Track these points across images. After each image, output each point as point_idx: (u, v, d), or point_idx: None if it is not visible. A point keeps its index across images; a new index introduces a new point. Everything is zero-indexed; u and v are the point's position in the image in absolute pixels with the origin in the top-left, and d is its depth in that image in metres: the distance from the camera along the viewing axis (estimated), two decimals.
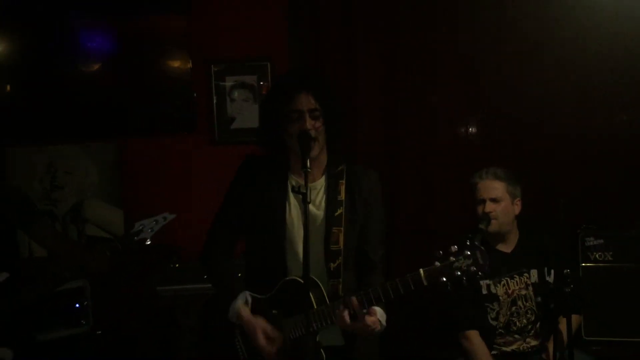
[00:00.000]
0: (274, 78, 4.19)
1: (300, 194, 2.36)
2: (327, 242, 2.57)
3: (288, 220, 2.59)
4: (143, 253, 3.27)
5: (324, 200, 2.61)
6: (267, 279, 2.59)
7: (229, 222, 2.69)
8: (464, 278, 2.31)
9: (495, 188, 3.24)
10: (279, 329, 2.53)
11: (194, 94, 4.19)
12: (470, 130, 4.16)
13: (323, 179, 2.64)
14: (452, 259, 2.32)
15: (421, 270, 2.34)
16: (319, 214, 2.60)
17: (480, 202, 3.24)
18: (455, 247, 2.33)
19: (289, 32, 4.20)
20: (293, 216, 2.60)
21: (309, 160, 2.42)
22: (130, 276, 3.91)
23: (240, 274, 2.73)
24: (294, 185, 2.56)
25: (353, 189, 2.63)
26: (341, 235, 2.58)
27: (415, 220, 4.10)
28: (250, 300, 2.57)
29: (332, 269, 2.57)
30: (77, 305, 3.80)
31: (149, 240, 3.10)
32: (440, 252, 2.34)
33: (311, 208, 2.55)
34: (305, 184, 2.36)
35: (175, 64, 4.18)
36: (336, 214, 2.59)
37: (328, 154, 2.66)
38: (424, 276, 2.34)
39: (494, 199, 3.22)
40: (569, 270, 2.96)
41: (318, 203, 2.61)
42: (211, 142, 4.25)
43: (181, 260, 3.91)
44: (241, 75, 4.22)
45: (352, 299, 2.39)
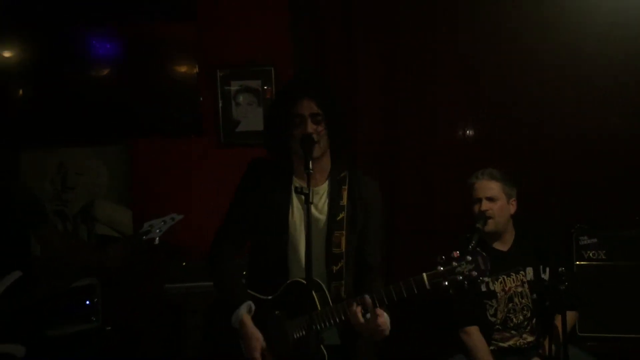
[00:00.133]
0: (277, 83, 4.19)
1: (303, 195, 2.36)
2: (329, 245, 2.58)
3: (291, 222, 2.59)
4: (151, 252, 3.28)
5: (327, 204, 2.62)
6: (269, 279, 2.59)
7: (235, 224, 2.69)
8: (466, 282, 2.33)
9: (492, 188, 3.25)
10: (280, 329, 2.52)
11: (200, 98, 4.21)
12: (469, 130, 4.11)
13: (326, 184, 2.64)
14: (455, 264, 2.34)
15: (424, 275, 2.36)
16: (322, 217, 2.60)
17: (477, 202, 3.25)
18: (458, 253, 2.34)
19: (291, 38, 4.18)
20: (296, 218, 2.60)
21: (311, 162, 2.42)
22: (139, 274, 3.92)
23: (245, 272, 2.74)
24: (297, 187, 2.57)
25: (355, 195, 2.63)
26: (343, 239, 2.58)
27: (415, 220, 4.06)
28: (254, 308, 2.57)
29: (335, 272, 2.57)
30: (88, 303, 3.82)
31: (157, 240, 3.10)
32: (443, 257, 2.36)
33: (314, 212, 2.55)
34: (308, 185, 2.37)
35: (183, 69, 4.20)
36: (338, 218, 2.60)
37: (331, 161, 2.66)
38: (427, 280, 2.35)
39: (490, 198, 3.23)
40: (563, 268, 2.98)
41: (321, 207, 2.62)
42: (217, 145, 4.25)
43: (188, 259, 3.91)
44: (246, 80, 4.23)
45: (366, 297, 2.40)
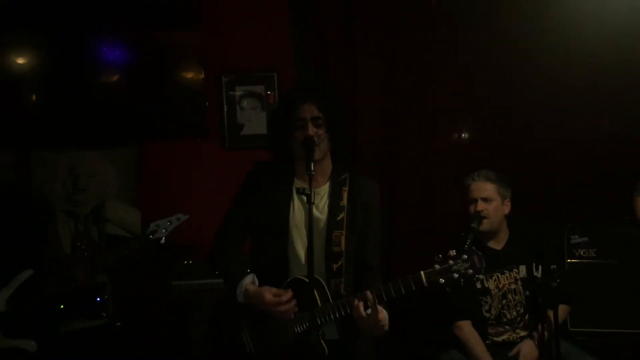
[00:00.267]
0: (279, 88, 4.20)
1: (305, 195, 2.39)
2: (329, 244, 2.60)
3: (291, 222, 2.62)
4: (158, 251, 3.30)
5: (327, 205, 2.64)
6: (270, 279, 2.61)
7: (236, 224, 2.72)
8: (462, 280, 2.36)
9: (487, 189, 3.27)
10: (282, 324, 2.55)
11: (206, 102, 4.21)
12: (469, 131, 4.09)
13: (327, 185, 2.67)
14: (451, 262, 2.37)
15: (422, 273, 2.39)
16: (322, 217, 2.63)
17: (473, 202, 3.27)
18: (454, 252, 2.37)
19: (293, 45, 4.16)
20: (297, 219, 2.63)
21: (312, 164, 2.45)
22: (147, 272, 3.93)
23: (249, 270, 2.75)
24: (299, 188, 2.59)
25: (355, 196, 2.66)
26: (343, 238, 2.61)
27: (415, 220, 4.03)
28: (257, 282, 2.58)
29: (335, 269, 2.60)
30: (98, 299, 3.82)
31: (163, 239, 3.12)
32: (440, 256, 2.38)
33: (314, 212, 2.56)
34: (310, 185, 2.40)
35: (189, 75, 4.21)
36: (338, 218, 2.62)
37: (332, 163, 2.69)
38: (424, 278, 2.38)
39: (485, 199, 3.25)
40: (555, 266, 3.00)
41: (321, 207, 2.64)
42: (222, 147, 4.26)
43: (194, 258, 3.92)
44: (250, 85, 4.24)
45: (367, 292, 2.42)
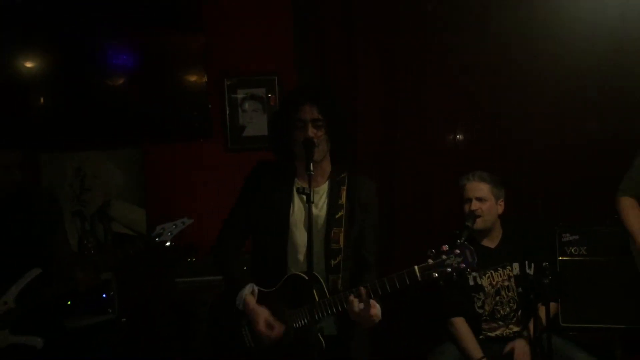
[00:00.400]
0: (280, 91, 4.21)
1: (305, 194, 2.40)
2: (328, 241, 2.61)
3: (292, 221, 2.62)
4: (163, 250, 3.31)
5: (326, 203, 2.65)
6: (270, 275, 2.62)
7: (239, 222, 2.73)
8: (455, 274, 2.35)
9: (481, 189, 3.28)
10: (281, 319, 2.56)
11: (209, 105, 4.22)
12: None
13: (326, 184, 2.68)
14: (444, 257, 2.36)
15: (416, 267, 2.38)
16: (321, 215, 2.63)
17: (467, 201, 3.29)
18: (447, 246, 2.36)
19: (294, 45, 4.17)
20: (296, 218, 2.63)
21: (312, 164, 2.46)
22: (152, 270, 3.94)
23: (245, 267, 2.77)
24: (299, 187, 2.59)
25: (353, 195, 2.66)
26: (341, 235, 2.61)
27: (414, 220, 4.02)
28: (257, 292, 2.61)
29: (333, 266, 2.60)
30: (104, 296, 3.84)
31: (168, 242, 3.14)
32: (433, 251, 2.38)
33: (314, 210, 2.57)
34: (309, 185, 2.41)
35: (193, 78, 4.21)
36: (337, 216, 2.62)
37: (332, 164, 2.70)
38: (418, 272, 2.38)
39: (480, 199, 3.26)
40: (547, 264, 3.02)
41: (320, 206, 2.65)
42: (224, 149, 4.28)
43: (197, 256, 3.93)
44: (251, 88, 4.25)
45: (361, 289, 2.43)
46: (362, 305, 2.42)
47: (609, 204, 3.20)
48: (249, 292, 2.59)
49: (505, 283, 3.27)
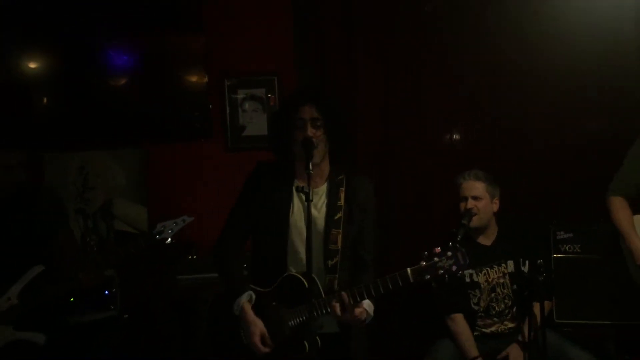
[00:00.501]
0: (280, 91, 4.21)
1: (304, 193, 2.40)
2: (326, 242, 2.62)
3: (291, 221, 2.63)
4: (164, 248, 3.32)
5: (325, 204, 2.65)
6: (268, 274, 2.64)
7: (239, 223, 2.73)
8: (446, 276, 2.36)
9: (477, 188, 3.30)
10: (277, 318, 2.57)
11: (209, 105, 4.23)
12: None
13: (325, 186, 2.68)
14: (436, 259, 2.37)
15: (408, 269, 2.40)
16: (320, 216, 2.64)
17: (463, 200, 3.30)
18: (439, 249, 2.37)
19: (294, 45, 4.16)
20: (296, 218, 2.64)
21: (311, 163, 2.47)
22: (153, 267, 3.95)
23: (245, 265, 2.78)
24: (298, 186, 2.60)
25: (352, 196, 2.67)
26: (339, 236, 2.61)
27: (414, 220, 4.00)
28: (254, 298, 2.62)
29: (330, 266, 2.61)
30: (107, 292, 3.83)
31: (169, 240, 3.15)
32: (426, 253, 2.39)
33: (313, 211, 2.58)
34: (308, 183, 2.42)
35: (193, 78, 4.22)
36: (336, 217, 2.63)
37: (330, 165, 2.70)
38: (410, 274, 2.39)
39: (475, 197, 3.28)
40: (542, 261, 3.03)
41: (319, 207, 2.65)
42: (225, 148, 4.28)
43: (197, 254, 3.94)
44: (251, 89, 4.25)
45: (343, 294, 2.45)
46: (344, 310, 2.44)
47: (603, 202, 3.21)
48: (246, 300, 2.59)
49: (501, 280, 3.28)
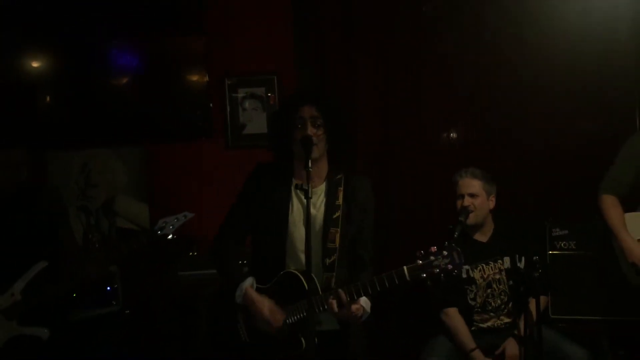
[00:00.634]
0: (280, 90, 4.21)
1: (303, 191, 2.40)
2: (325, 241, 2.62)
3: (290, 220, 2.63)
4: (165, 244, 3.32)
5: (324, 204, 2.65)
6: (268, 272, 2.64)
7: (238, 221, 2.73)
8: (442, 275, 2.37)
9: (473, 185, 3.31)
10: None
11: (210, 104, 4.23)
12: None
13: (324, 185, 2.68)
14: (432, 258, 2.37)
15: (405, 268, 2.40)
16: (319, 215, 2.64)
17: (460, 197, 3.31)
18: (435, 248, 2.38)
19: (294, 49, 4.15)
20: (295, 216, 2.64)
21: (310, 161, 2.47)
22: (155, 263, 3.95)
23: (245, 261, 2.78)
24: (298, 184, 2.60)
25: (350, 195, 2.67)
26: (338, 235, 2.61)
27: (413, 219, 3.99)
28: (255, 285, 2.63)
29: (328, 264, 2.61)
30: (109, 288, 3.82)
31: (170, 235, 3.15)
32: (422, 252, 2.39)
33: (312, 210, 2.56)
34: (307, 181, 2.41)
35: (194, 78, 4.22)
36: (334, 216, 2.63)
37: (329, 164, 2.70)
38: (407, 273, 2.39)
39: (472, 194, 3.29)
40: (537, 257, 3.04)
41: (318, 206, 2.65)
42: (225, 147, 4.28)
43: (198, 250, 3.95)
44: (251, 88, 4.25)
45: (340, 291, 2.46)
46: (341, 306, 2.44)
47: (596, 200, 3.22)
48: (249, 285, 2.60)
49: (497, 276, 3.29)
